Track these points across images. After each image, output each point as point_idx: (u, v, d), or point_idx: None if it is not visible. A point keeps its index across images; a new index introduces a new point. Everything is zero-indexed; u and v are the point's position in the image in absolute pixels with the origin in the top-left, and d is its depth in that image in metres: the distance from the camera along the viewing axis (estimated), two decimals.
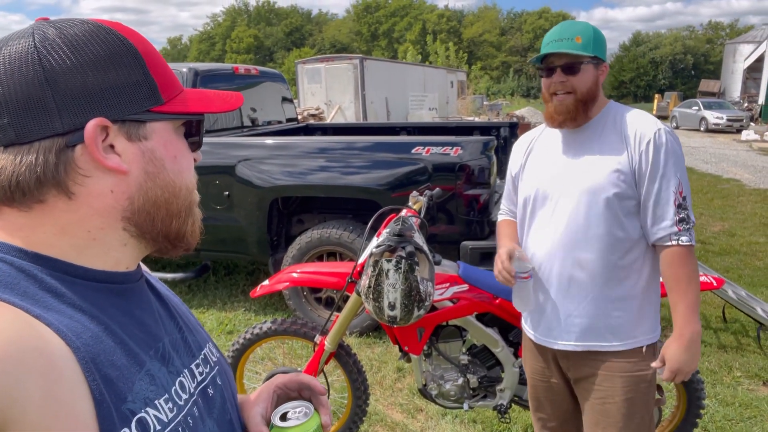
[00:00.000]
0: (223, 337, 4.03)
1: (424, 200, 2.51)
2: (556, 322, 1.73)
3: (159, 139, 0.64)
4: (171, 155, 0.66)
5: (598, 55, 1.62)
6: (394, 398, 3.19)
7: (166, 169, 0.65)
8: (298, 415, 0.78)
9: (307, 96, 16.86)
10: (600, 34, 1.65)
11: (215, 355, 0.78)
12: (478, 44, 70.68)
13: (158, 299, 0.72)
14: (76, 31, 0.60)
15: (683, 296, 1.56)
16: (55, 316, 0.53)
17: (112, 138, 0.60)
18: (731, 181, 10.56)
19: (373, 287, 1.98)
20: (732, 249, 5.99)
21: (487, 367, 2.43)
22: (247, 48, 70.20)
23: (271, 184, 4.04)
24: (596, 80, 1.63)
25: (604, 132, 1.65)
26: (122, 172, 0.61)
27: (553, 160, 1.72)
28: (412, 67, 22.48)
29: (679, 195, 1.57)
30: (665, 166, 1.57)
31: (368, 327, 3.97)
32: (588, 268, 1.65)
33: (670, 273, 1.58)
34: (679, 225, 1.56)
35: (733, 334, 3.90)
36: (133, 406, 0.56)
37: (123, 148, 0.61)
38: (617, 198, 1.59)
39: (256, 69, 5.39)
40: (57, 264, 0.58)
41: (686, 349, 1.56)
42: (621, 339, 1.66)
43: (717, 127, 22.01)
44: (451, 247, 3.69)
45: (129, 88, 0.61)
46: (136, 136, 0.62)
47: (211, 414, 0.70)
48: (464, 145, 3.69)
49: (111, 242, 0.63)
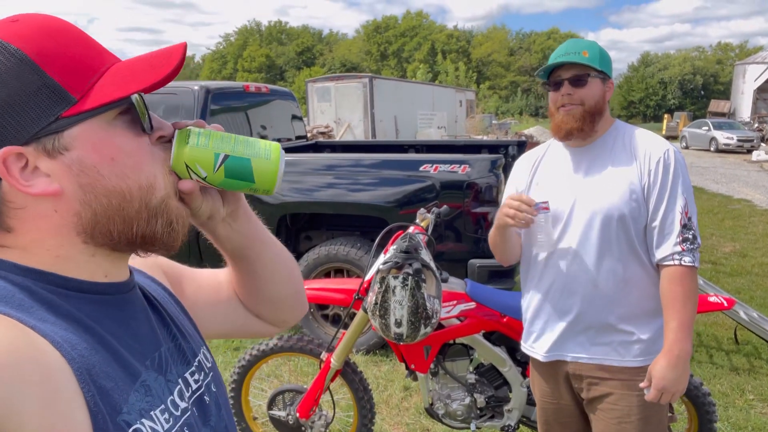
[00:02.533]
0: (229, 353, 4.02)
1: (431, 217, 2.51)
2: (569, 336, 1.71)
3: (84, 144, 0.56)
4: (106, 158, 0.57)
5: (604, 71, 1.63)
6: (401, 417, 3.16)
7: (103, 176, 0.57)
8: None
9: (316, 114, 17.01)
10: (606, 53, 1.66)
11: (209, 360, 0.77)
12: (487, 64, 71.17)
13: (152, 307, 0.70)
14: None
15: (677, 314, 1.54)
16: (51, 328, 0.53)
17: (33, 161, 0.54)
18: (742, 202, 10.47)
19: (380, 304, 1.98)
20: (743, 270, 5.92)
21: (495, 386, 2.40)
22: (259, 67, 71.08)
23: (280, 201, 4.06)
24: (603, 95, 1.64)
25: (613, 150, 1.65)
26: (53, 194, 0.55)
27: (563, 178, 1.71)
28: (421, 86, 22.66)
29: (685, 215, 1.56)
30: (673, 185, 1.57)
31: (375, 345, 3.95)
32: (602, 286, 1.64)
33: (667, 290, 1.57)
34: (683, 245, 1.56)
35: (746, 356, 3.83)
36: (128, 417, 0.55)
37: (48, 167, 0.55)
38: (631, 216, 1.59)
39: (266, 87, 5.45)
40: (50, 277, 0.57)
41: (673, 367, 1.52)
42: (634, 356, 1.64)
43: (727, 147, 21.91)
44: (458, 265, 3.68)
45: (28, 101, 0.53)
46: (57, 149, 0.55)
47: (207, 422, 0.69)
48: (472, 163, 3.70)
49: (78, 256, 0.59)
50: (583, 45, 1.64)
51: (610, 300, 1.64)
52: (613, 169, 1.63)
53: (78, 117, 0.55)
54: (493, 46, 72.19)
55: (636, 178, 1.59)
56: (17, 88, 0.53)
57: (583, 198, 1.65)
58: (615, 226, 1.60)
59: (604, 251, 1.62)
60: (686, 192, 1.58)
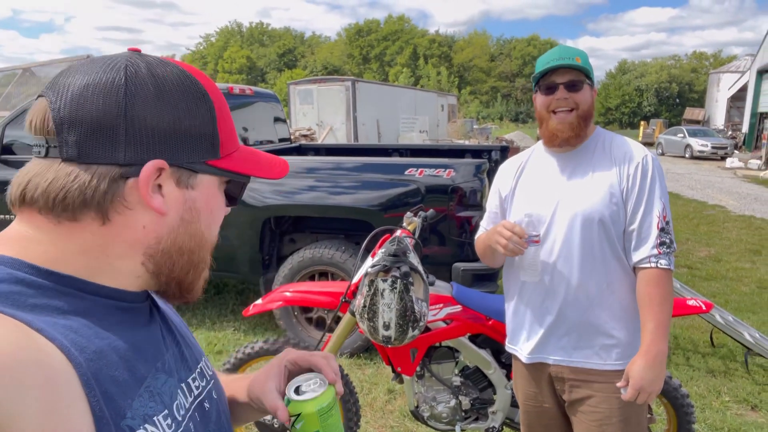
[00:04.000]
0: (212, 357, 3.98)
1: (418, 221, 2.53)
2: (551, 339, 1.73)
3: (204, 190, 0.66)
4: (209, 208, 0.68)
5: (592, 78, 1.68)
6: (385, 420, 3.17)
7: (200, 220, 0.67)
8: (314, 387, 0.77)
9: (299, 117, 16.97)
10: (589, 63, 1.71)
11: (210, 369, 0.79)
12: (468, 69, 71.74)
13: (159, 314, 0.72)
14: (165, 73, 0.62)
15: (654, 315, 1.56)
16: (60, 331, 0.53)
17: (163, 179, 0.62)
18: (716, 207, 10.71)
19: (368, 307, 1.99)
20: (718, 274, 6.06)
21: (480, 388, 2.43)
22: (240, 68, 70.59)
23: (264, 204, 4.04)
24: (593, 101, 1.68)
25: (594, 155, 1.69)
26: (162, 213, 0.62)
27: (547, 182, 1.74)
28: (404, 90, 22.75)
29: (663, 219, 1.60)
30: (650, 190, 1.61)
31: (359, 348, 3.95)
32: (584, 289, 1.66)
33: (644, 292, 1.59)
34: (660, 248, 1.59)
35: (721, 359, 3.92)
36: (132, 422, 0.56)
37: (169, 191, 0.63)
38: (611, 219, 1.62)
39: (251, 89, 5.43)
40: (67, 280, 0.59)
41: (650, 367, 1.54)
42: (616, 359, 1.67)
43: (702, 154, 22.40)
44: (443, 268, 3.70)
45: (195, 139, 0.64)
46: (185, 183, 0.64)
47: (207, 428, 0.70)
48: (457, 167, 3.73)
49: (125, 271, 0.63)
50: (574, 52, 1.66)
51: (592, 303, 1.67)
52: (594, 173, 1.67)
53: (216, 170, 0.66)
54: (475, 52, 72.82)
55: (616, 182, 1.63)
56: (196, 127, 0.64)
57: (565, 201, 1.68)
58: (596, 229, 1.63)
59: (586, 254, 1.65)
60: (663, 197, 1.63)
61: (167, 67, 0.64)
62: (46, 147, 0.59)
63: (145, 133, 0.59)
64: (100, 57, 0.63)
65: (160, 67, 0.63)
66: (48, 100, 0.59)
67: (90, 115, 0.58)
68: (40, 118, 0.59)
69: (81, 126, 0.57)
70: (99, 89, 0.58)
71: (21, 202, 0.60)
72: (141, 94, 0.59)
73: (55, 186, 0.58)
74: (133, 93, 0.59)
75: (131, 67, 0.60)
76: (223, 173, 0.67)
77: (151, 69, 0.62)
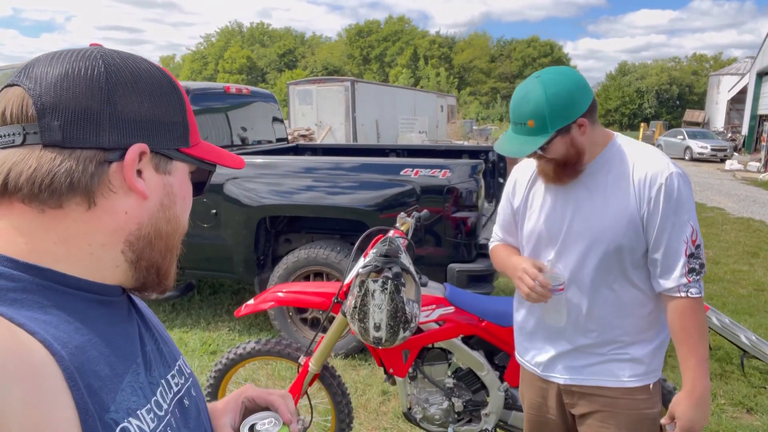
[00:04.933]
0: (206, 357, 3.97)
1: (411, 222, 2.51)
2: (562, 359, 1.66)
3: (178, 177, 0.70)
4: (182, 194, 0.71)
5: (560, 126, 1.44)
6: (379, 422, 3.15)
7: (176, 206, 0.70)
8: (267, 426, 0.78)
9: (298, 117, 16.96)
10: (560, 97, 1.43)
11: (188, 367, 0.80)
12: (468, 70, 71.77)
13: (136, 311, 0.73)
14: (138, 64, 0.66)
15: (694, 351, 1.47)
16: (41, 325, 0.54)
17: (144, 165, 0.64)
18: (715, 210, 10.70)
19: (359, 308, 1.97)
20: (716, 277, 6.04)
21: (473, 390, 2.41)
22: (240, 68, 70.63)
23: (259, 203, 4.03)
24: (571, 142, 1.48)
25: (610, 174, 1.52)
26: (144, 196, 0.64)
27: (558, 200, 1.61)
28: (403, 90, 22.75)
29: (692, 244, 1.45)
30: (677, 213, 1.45)
31: (353, 349, 3.94)
32: (597, 311, 1.58)
33: (679, 325, 1.49)
34: (689, 276, 1.46)
35: (718, 361, 3.91)
36: (116, 416, 0.57)
37: (149, 176, 0.65)
38: (629, 247, 1.50)
39: (247, 89, 5.41)
40: (47, 273, 0.59)
41: (697, 406, 1.47)
42: (629, 376, 1.59)
43: (701, 156, 22.42)
44: (438, 269, 3.69)
45: (170, 126, 0.67)
46: (163, 169, 0.67)
47: (187, 425, 0.71)
48: (453, 168, 3.72)
49: (105, 261, 0.64)
50: (527, 111, 1.45)
51: (605, 324, 1.58)
52: (608, 196, 1.51)
53: (186, 157, 0.69)
54: (475, 53, 72.82)
55: (634, 208, 1.48)
56: (170, 114, 0.67)
57: (577, 226, 1.56)
58: (611, 258, 1.52)
59: (599, 280, 1.55)
60: (692, 219, 1.46)
61: (137, 59, 0.66)
62: (23, 134, 0.58)
63: (127, 117, 0.62)
64: (67, 49, 0.63)
65: (131, 59, 0.66)
66: (25, 87, 0.59)
67: (74, 100, 0.59)
68: (18, 105, 0.59)
69: (65, 111, 0.58)
70: (80, 76, 0.60)
71: (2, 192, 0.59)
72: (121, 81, 0.62)
73: (41, 171, 0.58)
74: (114, 80, 0.61)
75: (107, 57, 0.63)
76: (194, 161, 0.70)
77: (124, 60, 0.64)
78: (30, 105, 0.58)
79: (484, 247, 3.82)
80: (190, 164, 0.71)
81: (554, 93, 1.43)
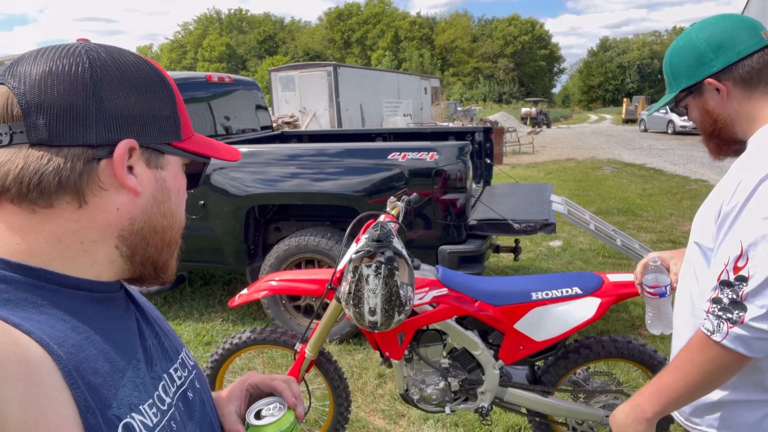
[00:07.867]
0: (200, 348, 3.97)
1: (402, 205, 2.52)
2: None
3: (171, 171, 0.69)
4: (176, 188, 0.70)
5: (685, 85, 1.27)
6: (376, 404, 3.19)
7: (171, 200, 0.69)
8: (273, 411, 0.78)
9: (281, 104, 16.80)
10: (685, 51, 1.26)
11: (191, 359, 0.80)
12: (450, 51, 71.43)
13: (135, 306, 0.73)
14: (125, 58, 0.65)
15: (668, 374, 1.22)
16: (36, 325, 0.53)
17: (134, 160, 0.64)
18: (699, 182, 10.83)
19: (353, 293, 1.98)
20: None
21: (468, 369, 2.44)
22: (219, 56, 69.69)
23: (247, 193, 4.01)
24: (703, 107, 1.27)
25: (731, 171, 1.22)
26: (136, 192, 0.64)
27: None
28: (386, 73, 22.59)
29: (732, 270, 1.10)
30: (739, 225, 1.11)
31: (348, 334, 3.96)
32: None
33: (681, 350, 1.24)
34: (712, 305, 1.14)
35: None
36: (118, 411, 0.56)
37: (140, 172, 0.65)
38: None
39: (229, 77, 5.35)
40: (40, 273, 0.58)
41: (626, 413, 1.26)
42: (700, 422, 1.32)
43: (684, 129, 22.59)
44: (429, 252, 3.71)
45: (160, 120, 0.66)
46: (155, 163, 0.66)
47: (192, 417, 0.71)
48: (440, 150, 3.72)
49: (99, 257, 0.64)
50: (665, 67, 1.34)
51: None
52: (716, 192, 1.23)
53: (179, 150, 0.69)
54: (456, 33, 72.44)
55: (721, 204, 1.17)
56: (159, 108, 0.66)
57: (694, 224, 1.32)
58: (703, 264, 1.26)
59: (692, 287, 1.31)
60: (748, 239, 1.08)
61: (125, 53, 0.66)
62: (9, 134, 0.58)
63: (113, 113, 0.61)
64: (53, 46, 0.63)
65: (118, 53, 0.65)
66: (9, 86, 0.59)
67: (59, 97, 0.58)
68: (2, 104, 0.58)
69: (50, 109, 0.58)
70: (64, 73, 0.59)
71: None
72: (107, 76, 0.61)
73: (28, 171, 0.57)
74: (99, 76, 0.60)
75: (92, 53, 0.62)
76: (186, 154, 0.70)
77: (110, 54, 0.63)
78: (15, 104, 0.58)
79: (473, 228, 3.84)
80: (183, 158, 0.71)
81: (680, 47, 1.28)
